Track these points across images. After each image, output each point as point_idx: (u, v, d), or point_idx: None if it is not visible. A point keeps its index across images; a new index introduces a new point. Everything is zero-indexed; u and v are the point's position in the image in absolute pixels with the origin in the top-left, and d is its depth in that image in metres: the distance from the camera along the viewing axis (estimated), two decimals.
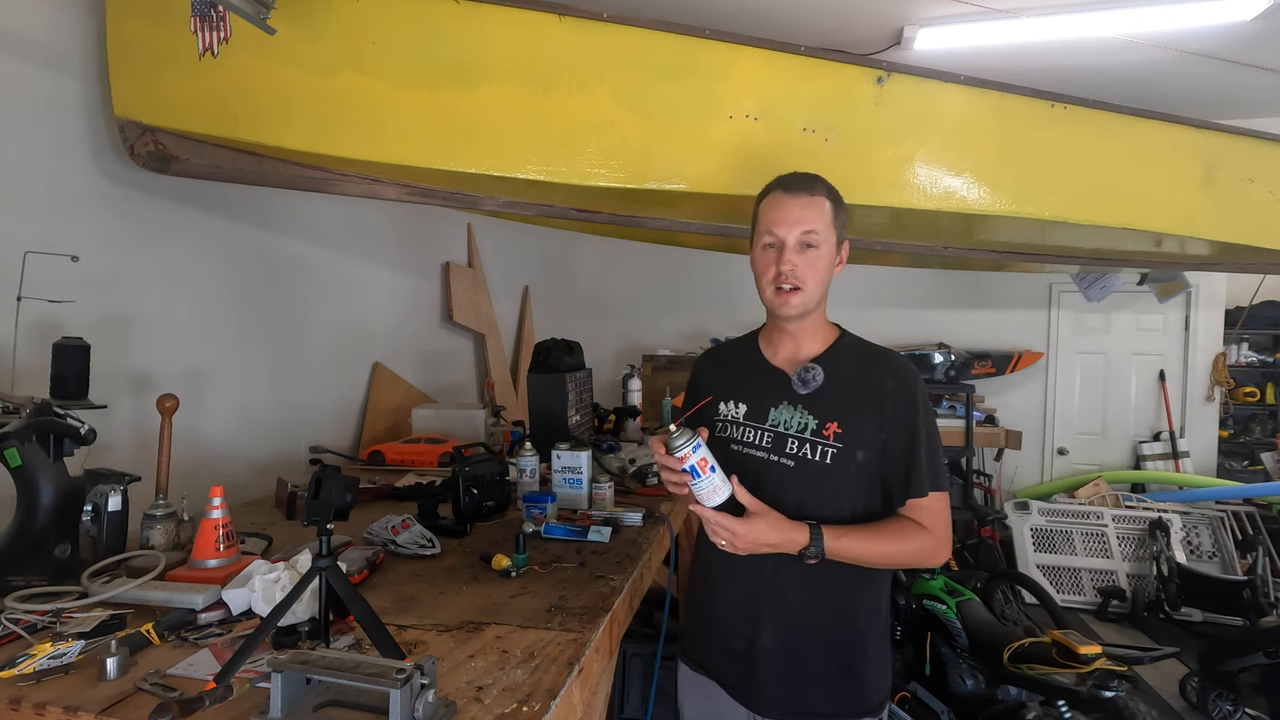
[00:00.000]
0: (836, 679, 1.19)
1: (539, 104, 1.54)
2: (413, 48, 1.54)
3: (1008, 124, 1.71)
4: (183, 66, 1.61)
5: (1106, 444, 4.98)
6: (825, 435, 1.16)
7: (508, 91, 1.54)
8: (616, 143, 1.57)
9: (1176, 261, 2.66)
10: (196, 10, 1.58)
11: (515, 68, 1.54)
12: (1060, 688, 1.99)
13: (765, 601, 1.20)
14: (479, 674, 0.97)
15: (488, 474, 1.77)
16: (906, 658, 2.58)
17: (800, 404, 1.19)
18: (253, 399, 2.32)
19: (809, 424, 1.17)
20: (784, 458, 1.18)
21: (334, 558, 1.06)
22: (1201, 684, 2.87)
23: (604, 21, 1.51)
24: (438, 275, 3.63)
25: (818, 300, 1.20)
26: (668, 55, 1.56)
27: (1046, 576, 4.00)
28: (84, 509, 1.32)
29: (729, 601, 1.25)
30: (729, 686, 1.25)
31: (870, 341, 1.27)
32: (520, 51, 1.54)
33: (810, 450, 1.16)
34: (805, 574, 1.15)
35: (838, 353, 1.23)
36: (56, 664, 0.97)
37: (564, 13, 1.50)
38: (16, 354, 1.49)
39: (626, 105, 1.55)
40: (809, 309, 1.19)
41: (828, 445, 1.16)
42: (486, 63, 1.54)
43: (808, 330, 1.23)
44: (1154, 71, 3.69)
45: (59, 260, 1.57)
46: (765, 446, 1.20)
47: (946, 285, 5.03)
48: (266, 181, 1.85)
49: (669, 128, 1.59)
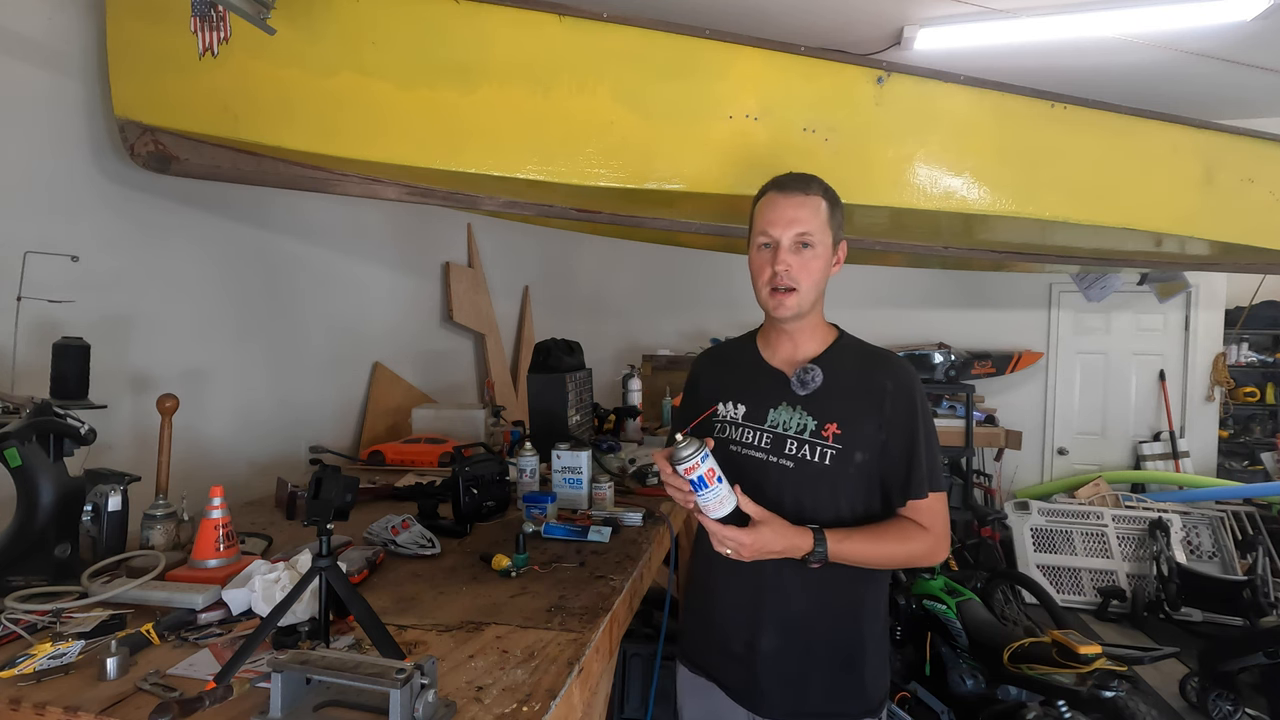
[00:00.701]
0: (836, 679, 1.20)
1: (539, 104, 1.54)
2: (412, 47, 1.54)
3: (1008, 124, 1.71)
4: (183, 66, 1.62)
5: (1106, 444, 4.98)
6: (824, 436, 1.16)
7: (508, 91, 1.54)
8: (616, 143, 1.57)
9: (1176, 261, 2.66)
10: (196, 10, 1.58)
11: (515, 67, 1.54)
12: (1060, 688, 1.99)
13: (765, 603, 1.20)
14: (479, 674, 0.97)
15: (487, 474, 1.77)
16: (906, 658, 2.58)
17: (799, 405, 1.19)
18: (253, 399, 2.32)
19: (808, 425, 1.17)
20: (783, 459, 1.18)
21: (334, 558, 1.06)
22: (1201, 684, 2.87)
23: (604, 21, 1.51)
24: (438, 275, 3.63)
25: (813, 301, 1.20)
26: (668, 55, 1.56)
27: (1046, 576, 4.00)
28: (84, 509, 1.32)
29: (729, 604, 1.25)
30: (728, 688, 1.25)
31: (868, 342, 1.27)
32: (520, 51, 1.54)
33: (809, 451, 1.16)
34: (805, 575, 1.15)
35: (836, 354, 1.23)
36: (56, 664, 0.97)
37: (564, 13, 1.50)
38: (16, 354, 1.49)
39: (626, 105, 1.55)
40: (804, 310, 1.19)
41: (827, 446, 1.16)
42: (486, 63, 1.54)
43: (805, 331, 1.23)
44: (1154, 71, 3.69)
45: (59, 260, 1.57)
46: (764, 447, 1.20)
47: (946, 285, 5.03)
48: (266, 181, 1.85)
49: (669, 127, 1.59)
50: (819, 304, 1.23)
